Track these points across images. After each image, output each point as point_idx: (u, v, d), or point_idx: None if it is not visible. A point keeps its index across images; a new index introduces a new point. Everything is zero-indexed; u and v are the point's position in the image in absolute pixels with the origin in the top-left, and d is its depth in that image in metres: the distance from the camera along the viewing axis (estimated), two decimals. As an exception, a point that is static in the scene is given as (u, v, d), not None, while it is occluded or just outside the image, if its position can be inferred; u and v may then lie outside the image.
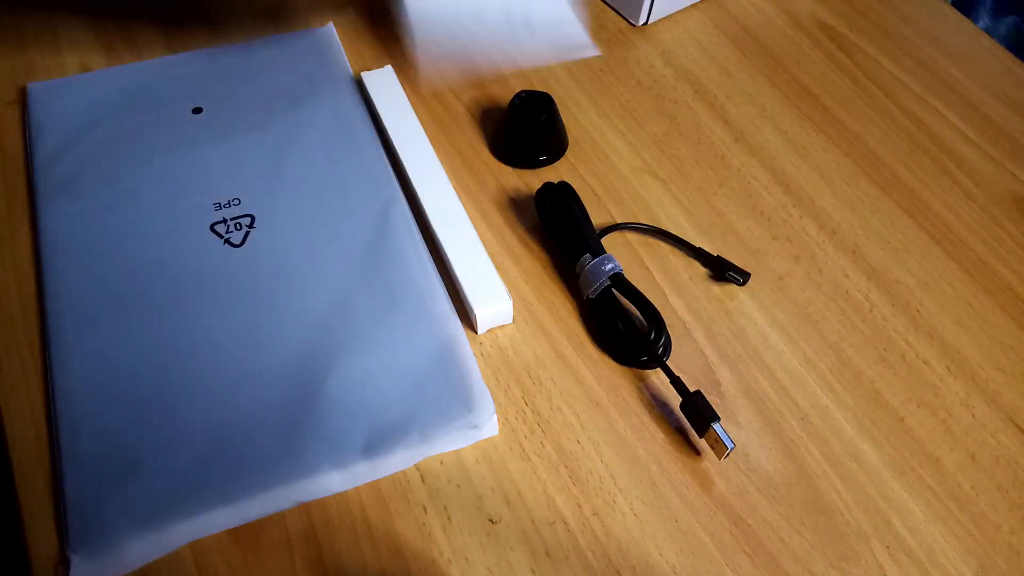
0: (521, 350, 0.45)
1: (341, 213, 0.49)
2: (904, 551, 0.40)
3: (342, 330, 0.44)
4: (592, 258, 0.46)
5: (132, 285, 0.46)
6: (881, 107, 0.58)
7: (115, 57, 0.58)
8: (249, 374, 0.43)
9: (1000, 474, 0.42)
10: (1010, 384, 0.46)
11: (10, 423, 0.41)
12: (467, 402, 0.42)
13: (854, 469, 0.42)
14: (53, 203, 0.49)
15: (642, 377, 0.45)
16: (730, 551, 0.39)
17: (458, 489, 0.41)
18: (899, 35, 0.63)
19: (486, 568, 0.39)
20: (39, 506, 0.39)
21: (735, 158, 0.55)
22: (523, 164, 0.53)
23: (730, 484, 0.41)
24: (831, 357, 0.46)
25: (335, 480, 0.40)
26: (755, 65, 0.60)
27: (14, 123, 0.54)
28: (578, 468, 0.42)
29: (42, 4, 0.61)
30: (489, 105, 0.57)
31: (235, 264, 0.47)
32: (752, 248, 0.50)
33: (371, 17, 0.62)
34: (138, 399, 0.42)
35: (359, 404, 0.42)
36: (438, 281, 0.47)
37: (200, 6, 0.61)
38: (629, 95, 0.58)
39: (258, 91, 0.55)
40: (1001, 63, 0.61)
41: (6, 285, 0.46)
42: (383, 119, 0.53)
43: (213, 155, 0.52)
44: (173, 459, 0.40)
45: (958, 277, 0.50)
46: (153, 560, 0.38)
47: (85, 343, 0.43)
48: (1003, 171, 0.55)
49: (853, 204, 0.53)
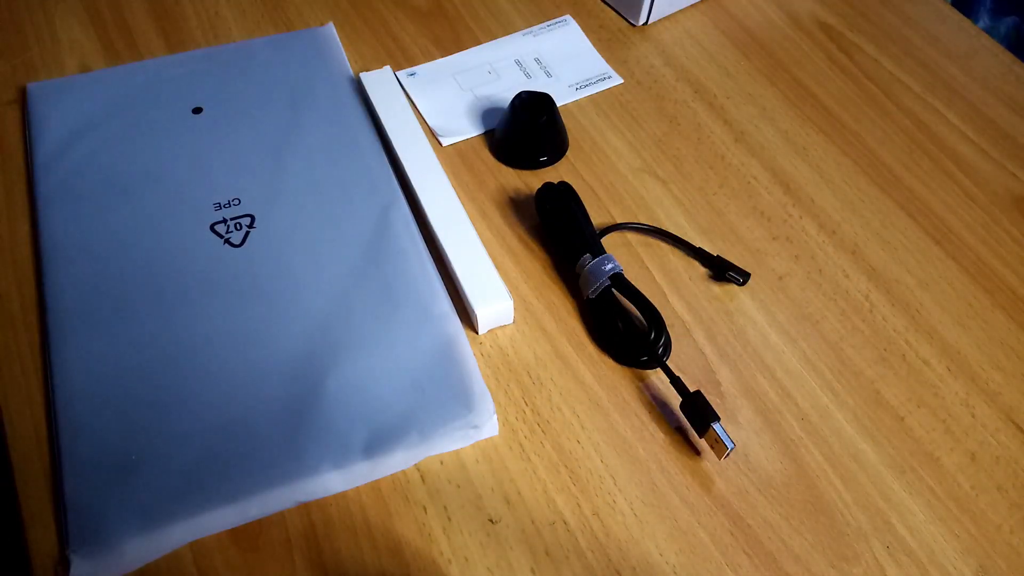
0: (521, 350, 0.45)
1: (341, 213, 0.49)
2: (904, 551, 0.40)
3: (342, 330, 0.44)
4: (592, 258, 0.46)
5: (132, 285, 0.46)
6: (881, 107, 0.58)
7: (115, 57, 0.58)
8: (249, 374, 0.43)
9: (1000, 474, 0.42)
10: (1010, 384, 0.46)
11: (10, 423, 0.41)
12: (467, 402, 0.42)
13: (854, 469, 0.42)
14: (53, 203, 0.49)
15: (642, 377, 0.45)
16: (730, 551, 0.39)
17: (458, 489, 0.41)
18: (899, 35, 0.63)
19: (486, 568, 0.39)
20: (39, 506, 0.39)
21: (735, 158, 0.55)
22: (523, 164, 0.53)
23: (730, 484, 0.41)
24: (831, 357, 0.46)
25: (335, 480, 0.40)
26: (755, 65, 0.60)
27: (14, 123, 0.54)
28: (578, 468, 0.42)
29: (42, 4, 0.61)
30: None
31: (235, 264, 0.47)
32: (752, 248, 0.50)
33: (371, 17, 0.62)
34: (138, 399, 0.42)
35: (359, 404, 0.42)
36: (438, 281, 0.47)
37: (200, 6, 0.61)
38: (629, 95, 0.58)
39: (258, 91, 0.55)
40: (1001, 63, 0.61)
41: (6, 285, 0.46)
42: (382, 119, 0.53)
43: (213, 155, 0.52)
44: (173, 459, 0.40)
45: (958, 277, 0.50)
46: (153, 560, 0.38)
47: (85, 343, 0.43)
48: (1003, 171, 0.55)
49: (853, 204, 0.53)
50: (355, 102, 0.55)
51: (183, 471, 0.39)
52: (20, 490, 0.40)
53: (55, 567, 0.37)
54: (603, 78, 0.59)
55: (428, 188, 0.50)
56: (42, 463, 0.40)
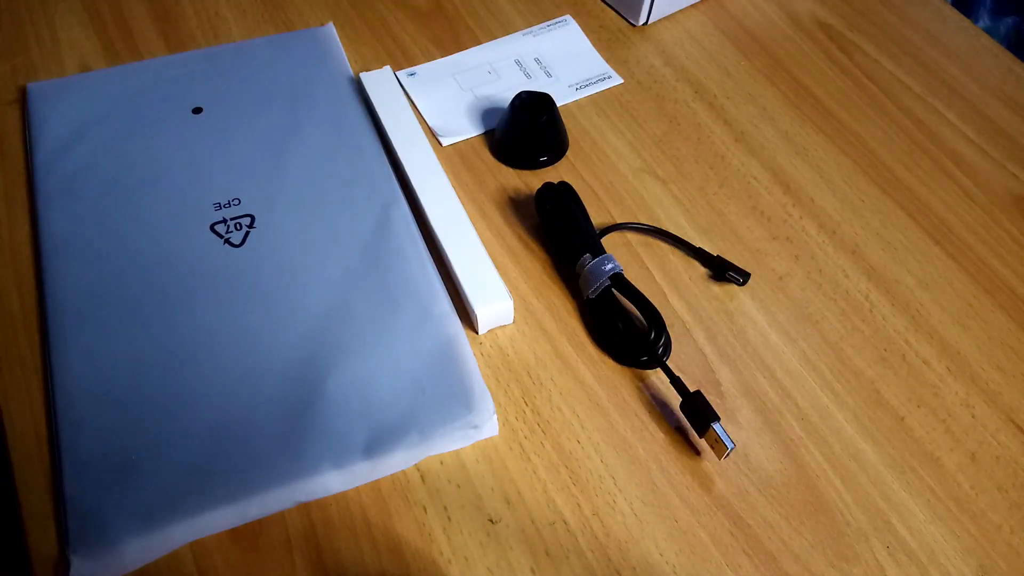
0: (521, 350, 0.45)
1: (341, 213, 0.49)
2: (904, 551, 0.40)
3: (342, 330, 0.44)
4: (592, 258, 0.46)
5: (132, 285, 0.46)
6: (881, 107, 0.58)
7: (115, 57, 0.58)
8: (249, 374, 0.43)
9: (1000, 474, 0.42)
10: (1010, 384, 0.46)
11: (10, 423, 0.41)
12: (467, 402, 0.42)
13: (854, 469, 0.42)
14: (53, 203, 0.49)
15: (642, 377, 0.45)
16: (730, 551, 0.39)
17: (458, 489, 0.41)
18: (899, 35, 0.63)
19: (486, 568, 0.39)
20: (39, 506, 0.39)
21: (735, 158, 0.55)
22: (523, 164, 0.53)
23: (730, 484, 0.41)
24: (831, 357, 0.46)
25: (335, 480, 0.40)
26: (755, 65, 0.60)
27: (14, 123, 0.54)
28: (578, 468, 0.42)
29: (42, 4, 0.61)
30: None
31: (235, 264, 0.47)
32: (752, 248, 0.50)
33: (371, 17, 0.62)
34: (138, 399, 0.42)
35: (359, 404, 0.42)
36: (438, 281, 0.47)
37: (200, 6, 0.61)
38: (629, 95, 0.58)
39: (258, 91, 0.55)
40: (1001, 63, 0.61)
41: (6, 285, 0.46)
42: (382, 119, 0.53)
43: (213, 155, 0.52)
44: (173, 459, 0.40)
45: (958, 277, 0.50)
46: (153, 560, 0.38)
47: (85, 343, 0.43)
48: (1003, 171, 0.55)
49: (853, 204, 0.53)
50: (355, 102, 0.55)
51: (183, 471, 0.39)
52: (20, 490, 0.40)
53: (55, 567, 0.37)
54: (603, 78, 0.59)
55: (428, 188, 0.50)
56: (42, 463, 0.40)
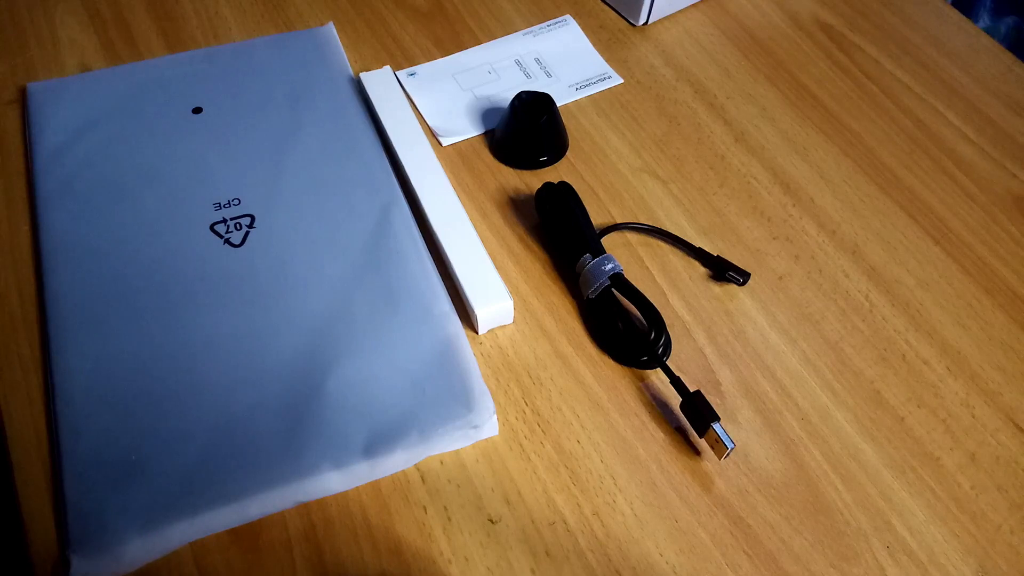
0: (521, 350, 0.45)
1: (341, 213, 0.49)
2: (904, 551, 0.40)
3: (342, 330, 0.44)
4: (592, 258, 0.46)
5: (132, 285, 0.46)
6: (881, 107, 0.58)
7: (115, 57, 0.58)
8: (249, 374, 0.43)
9: (1000, 474, 0.42)
10: (1010, 384, 0.46)
11: (10, 423, 0.41)
12: (467, 402, 0.42)
13: (854, 469, 0.42)
14: (53, 203, 0.49)
15: (642, 377, 0.45)
16: (730, 551, 0.39)
17: (458, 489, 0.41)
18: (899, 35, 0.63)
19: (486, 568, 0.39)
20: (39, 506, 0.39)
21: (735, 158, 0.55)
22: (523, 164, 0.53)
23: (730, 484, 0.41)
24: (831, 357, 0.46)
25: (335, 480, 0.40)
26: (755, 65, 0.60)
27: (14, 123, 0.54)
28: (578, 468, 0.42)
29: (42, 4, 0.61)
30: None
31: (235, 264, 0.47)
32: (752, 248, 0.50)
33: (371, 17, 0.62)
34: (138, 399, 0.42)
35: (359, 404, 0.42)
36: (438, 281, 0.47)
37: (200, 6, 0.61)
38: (629, 95, 0.58)
39: (258, 91, 0.55)
40: (1001, 63, 0.61)
41: (6, 285, 0.46)
42: (382, 119, 0.53)
43: (213, 155, 0.52)
44: (173, 459, 0.40)
45: (958, 277, 0.50)
46: (153, 560, 0.38)
47: (85, 343, 0.43)
48: (1003, 171, 0.55)
49: (853, 204, 0.53)
50: (355, 102, 0.55)
51: (183, 471, 0.39)
52: (20, 490, 0.40)
53: (55, 567, 0.37)
54: (603, 78, 0.59)
55: (428, 188, 0.50)
56: (42, 463, 0.40)
